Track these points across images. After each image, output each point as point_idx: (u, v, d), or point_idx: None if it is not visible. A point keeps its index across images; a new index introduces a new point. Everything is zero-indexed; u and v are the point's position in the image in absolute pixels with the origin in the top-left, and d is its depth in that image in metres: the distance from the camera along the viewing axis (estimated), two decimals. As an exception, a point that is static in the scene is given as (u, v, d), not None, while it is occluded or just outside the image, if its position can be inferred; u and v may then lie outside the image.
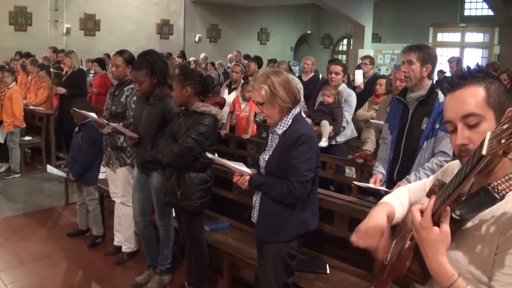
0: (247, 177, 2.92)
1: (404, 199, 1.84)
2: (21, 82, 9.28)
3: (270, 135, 2.96)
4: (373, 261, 3.23)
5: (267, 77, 2.78)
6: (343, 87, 5.75)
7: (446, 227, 1.35)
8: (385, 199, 1.84)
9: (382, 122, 5.76)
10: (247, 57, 11.13)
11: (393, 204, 1.76)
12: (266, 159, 2.88)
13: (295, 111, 2.85)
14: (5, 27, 14.07)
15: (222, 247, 3.96)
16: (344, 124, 5.57)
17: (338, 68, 5.71)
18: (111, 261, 4.69)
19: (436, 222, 1.37)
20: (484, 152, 1.14)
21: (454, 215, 1.34)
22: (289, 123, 2.81)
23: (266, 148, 2.95)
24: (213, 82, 4.15)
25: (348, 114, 5.63)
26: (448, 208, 1.35)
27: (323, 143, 5.34)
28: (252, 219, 3.07)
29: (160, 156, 3.56)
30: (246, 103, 6.52)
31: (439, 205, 1.36)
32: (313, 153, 2.78)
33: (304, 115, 3.53)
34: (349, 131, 5.70)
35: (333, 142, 5.57)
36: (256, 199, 2.99)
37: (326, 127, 5.44)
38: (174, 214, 4.03)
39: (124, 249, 4.71)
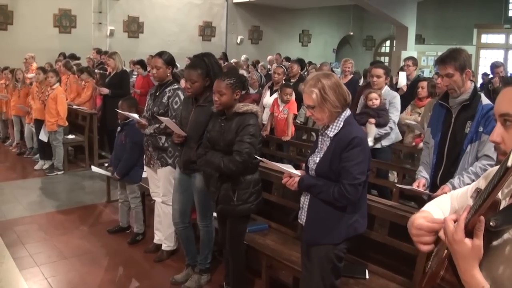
0: (297, 179, 2.91)
1: (446, 206, 1.79)
2: (65, 82, 9.53)
3: (320, 137, 2.94)
4: (413, 268, 3.17)
5: (317, 80, 2.77)
6: (386, 89, 5.66)
7: (478, 240, 1.31)
8: (424, 208, 1.79)
9: (414, 122, 5.65)
10: (288, 59, 11.12)
11: (431, 212, 1.71)
12: (317, 161, 2.86)
13: (346, 113, 2.83)
14: (50, 29, 14.50)
15: (260, 248, 3.95)
16: (391, 125, 5.44)
17: (380, 71, 5.62)
18: (150, 259, 4.75)
19: (470, 233, 1.33)
20: (509, 164, 1.11)
21: (489, 226, 1.29)
22: (341, 126, 2.80)
23: (316, 150, 2.93)
24: (247, 81, 4.16)
25: (394, 116, 5.50)
26: (482, 218, 1.30)
27: (369, 143, 5.26)
28: (299, 221, 3.05)
29: (211, 168, 3.55)
30: (284, 105, 6.52)
31: (473, 214, 1.32)
32: (365, 156, 2.77)
33: None
34: (393, 135, 5.58)
35: (378, 146, 5.46)
36: (305, 200, 2.97)
37: (372, 127, 5.35)
38: (215, 215, 4.04)
39: (164, 247, 4.77)
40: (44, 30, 14.26)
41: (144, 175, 5.08)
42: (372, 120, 5.30)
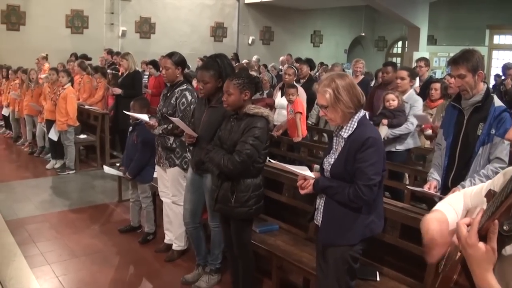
0: (311, 181, 2.90)
1: (458, 205, 1.77)
2: (78, 82, 9.59)
3: (335, 138, 2.93)
4: (424, 270, 3.15)
5: (331, 80, 2.76)
6: (410, 93, 5.57)
7: (492, 244, 1.29)
8: (437, 206, 1.78)
9: (421, 113, 5.54)
10: (298, 60, 11.10)
11: (444, 212, 1.70)
12: (332, 162, 2.85)
13: (360, 114, 2.81)
14: (62, 29, 14.63)
15: (271, 249, 3.94)
16: (410, 128, 5.35)
17: (404, 73, 5.56)
18: (161, 258, 4.75)
19: (484, 237, 1.32)
20: None
21: (502, 230, 1.28)
22: (355, 126, 2.78)
23: (331, 152, 2.92)
24: (259, 81, 4.14)
25: (415, 120, 5.39)
26: (496, 222, 1.28)
27: None
28: (315, 222, 3.04)
29: (213, 166, 3.56)
30: (290, 106, 6.51)
31: (487, 219, 1.30)
32: (380, 156, 2.75)
33: None
34: (412, 140, 5.48)
35: (393, 149, 5.41)
36: (320, 202, 2.95)
37: (384, 128, 5.27)
38: None
39: (174, 247, 4.77)
40: (56, 30, 14.38)
41: (155, 175, 5.09)
42: (384, 121, 5.26)
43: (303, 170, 2.97)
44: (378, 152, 2.73)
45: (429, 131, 5.10)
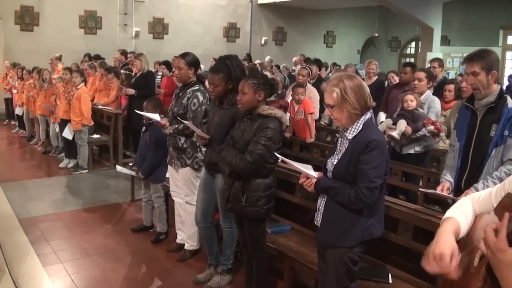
0: (314, 180, 2.89)
1: (468, 211, 1.75)
2: (92, 82, 9.66)
3: (340, 139, 2.92)
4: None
5: (340, 80, 2.76)
6: (427, 94, 5.56)
7: None
8: (449, 213, 1.76)
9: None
10: (307, 60, 11.08)
11: (458, 219, 1.68)
12: (335, 163, 2.84)
13: (366, 116, 2.80)
14: (76, 30, 14.79)
15: (283, 250, 3.94)
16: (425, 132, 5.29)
17: (422, 75, 5.53)
18: (173, 258, 4.77)
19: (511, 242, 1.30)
20: None
21: None
22: (360, 128, 2.77)
23: (335, 152, 2.91)
24: (276, 84, 4.14)
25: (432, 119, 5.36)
26: None
27: (396, 134, 5.16)
28: (315, 222, 3.03)
29: (224, 165, 3.57)
30: (299, 106, 6.49)
31: None
32: (383, 159, 2.73)
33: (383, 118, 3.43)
34: (429, 141, 5.43)
35: (411, 151, 5.36)
36: (321, 202, 2.96)
37: (402, 123, 5.25)
38: None
39: (186, 246, 4.78)
40: (70, 31, 14.53)
41: (167, 175, 5.10)
42: (409, 130, 5.22)
43: (307, 169, 2.95)
44: (381, 155, 2.72)
45: (431, 127, 5.07)
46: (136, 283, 4.35)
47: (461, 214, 1.73)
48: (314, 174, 2.91)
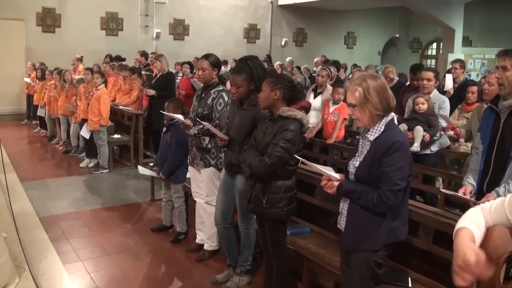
0: (335, 183, 2.86)
1: (480, 221, 1.72)
2: (113, 83, 9.75)
3: (361, 140, 2.88)
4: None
5: (363, 80, 2.73)
6: (435, 93, 5.54)
7: None
8: (461, 224, 1.72)
9: (443, 113, 5.44)
10: (326, 61, 11.04)
11: (471, 229, 1.65)
12: (356, 165, 2.81)
13: (388, 117, 2.76)
14: (97, 31, 14.96)
15: (302, 252, 3.92)
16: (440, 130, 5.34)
17: (430, 74, 5.50)
18: (192, 258, 4.78)
19: None
20: None
21: None
22: (382, 130, 2.73)
23: (356, 154, 2.88)
24: (302, 90, 4.11)
25: (443, 122, 5.39)
26: None
27: (415, 147, 5.15)
28: (338, 226, 3.01)
29: (245, 166, 3.56)
30: (335, 108, 6.46)
31: None
32: (406, 161, 2.69)
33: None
34: (443, 140, 5.46)
35: (428, 151, 5.34)
36: (344, 205, 2.92)
37: (420, 131, 5.24)
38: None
39: (206, 247, 4.79)
40: (91, 32, 14.69)
41: (188, 175, 5.12)
42: (427, 138, 5.18)
43: (329, 171, 2.93)
44: (404, 157, 2.68)
45: (451, 132, 5.02)
46: (155, 282, 4.37)
47: (473, 224, 1.70)
48: (337, 176, 2.89)
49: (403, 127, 5.35)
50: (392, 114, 2.81)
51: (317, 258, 3.81)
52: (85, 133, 8.12)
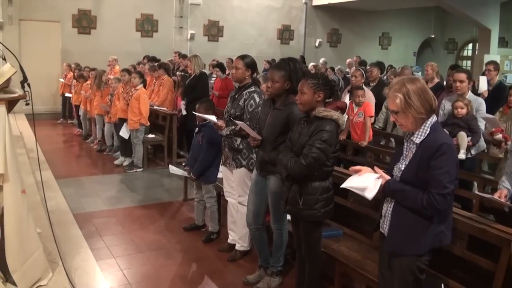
0: (387, 176, 2.78)
1: None
2: (148, 84, 9.88)
3: (406, 144, 2.82)
4: (491, 285, 2.99)
5: (402, 85, 2.68)
6: (470, 95, 5.43)
7: None
8: None
9: (491, 116, 5.32)
10: (362, 63, 10.91)
11: None
12: (402, 168, 2.76)
13: (433, 119, 2.71)
14: (132, 33, 15.18)
15: (334, 254, 3.89)
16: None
17: (463, 76, 5.39)
18: (224, 258, 4.80)
19: None
20: None
21: None
22: (427, 132, 2.68)
23: (401, 158, 2.82)
24: (336, 87, 4.08)
25: (482, 125, 5.29)
26: None
27: (462, 155, 5.02)
28: (380, 230, 2.95)
29: (281, 168, 3.55)
30: (359, 108, 6.42)
31: None
32: (454, 163, 2.63)
33: None
34: (481, 143, 5.36)
35: (469, 155, 5.23)
36: (387, 208, 2.86)
37: (464, 138, 5.12)
38: (289, 218, 4.01)
39: (237, 247, 4.80)
40: (126, 34, 14.92)
41: (219, 175, 5.14)
42: (471, 144, 5.10)
43: (369, 180, 2.77)
44: (452, 160, 2.62)
45: (499, 135, 4.89)
46: (186, 281, 4.40)
47: None
48: (385, 175, 2.80)
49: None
50: (435, 116, 2.75)
51: (349, 261, 3.78)
52: (124, 133, 8.24)
